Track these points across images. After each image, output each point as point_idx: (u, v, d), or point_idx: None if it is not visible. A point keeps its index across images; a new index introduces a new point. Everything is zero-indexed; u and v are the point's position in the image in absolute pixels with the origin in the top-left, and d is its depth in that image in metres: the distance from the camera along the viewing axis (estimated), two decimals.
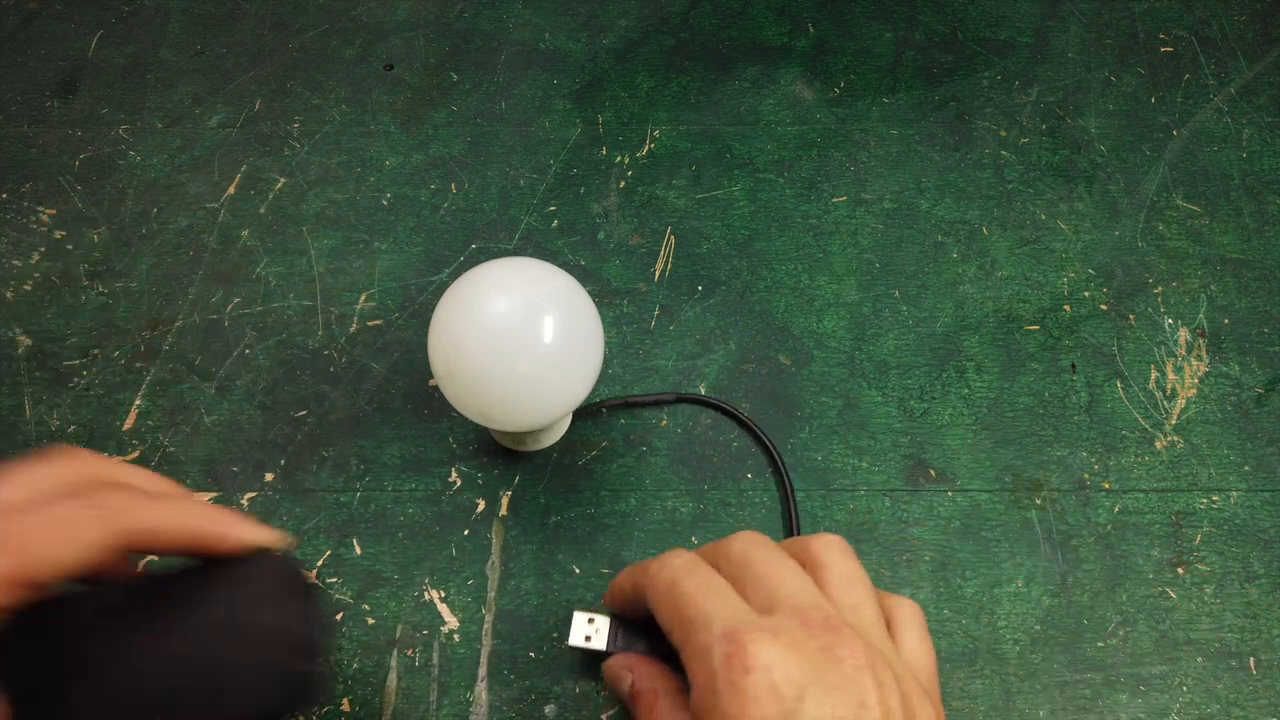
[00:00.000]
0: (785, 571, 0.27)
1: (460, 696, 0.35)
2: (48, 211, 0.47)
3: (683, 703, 0.27)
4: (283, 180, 0.47)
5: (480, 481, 0.39)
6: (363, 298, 0.44)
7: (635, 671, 0.29)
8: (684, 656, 0.25)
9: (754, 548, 0.27)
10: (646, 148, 0.48)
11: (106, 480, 0.25)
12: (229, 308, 0.44)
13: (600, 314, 0.43)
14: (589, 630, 0.32)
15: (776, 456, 0.39)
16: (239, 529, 0.25)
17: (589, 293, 0.44)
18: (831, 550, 0.28)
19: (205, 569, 0.25)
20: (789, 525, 0.38)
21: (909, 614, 0.28)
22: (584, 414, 0.40)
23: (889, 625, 0.28)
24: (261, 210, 0.46)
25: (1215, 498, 0.39)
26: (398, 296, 0.44)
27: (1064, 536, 0.38)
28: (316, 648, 0.25)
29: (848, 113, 0.49)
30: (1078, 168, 0.47)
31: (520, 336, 0.32)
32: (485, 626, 0.36)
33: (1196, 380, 0.41)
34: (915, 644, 0.27)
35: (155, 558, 0.35)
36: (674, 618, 0.26)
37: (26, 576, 0.22)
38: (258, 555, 0.25)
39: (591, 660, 0.35)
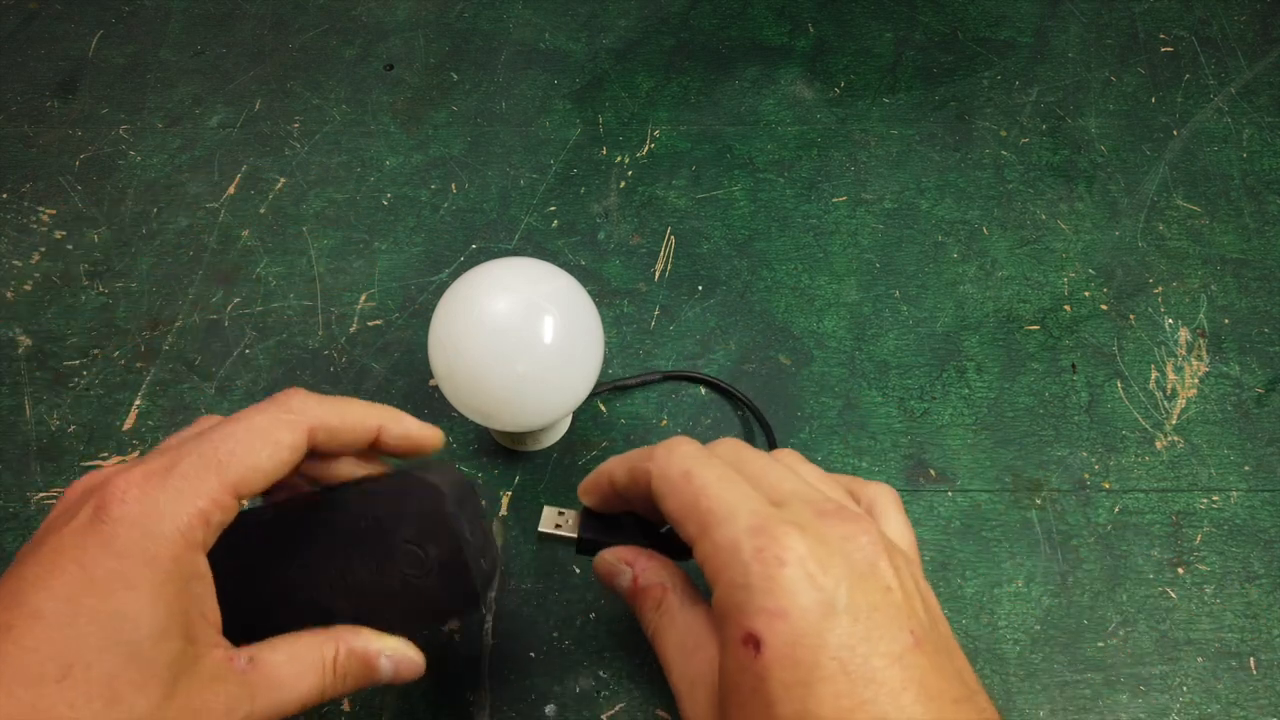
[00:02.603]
0: (781, 469, 0.26)
1: (461, 696, 0.35)
2: (48, 211, 0.47)
3: (694, 596, 0.27)
4: (283, 180, 0.47)
5: (480, 481, 0.39)
6: (363, 298, 0.44)
7: (636, 565, 0.28)
8: (702, 550, 0.24)
9: (743, 449, 0.27)
10: (646, 148, 0.48)
11: (270, 398, 0.27)
12: (229, 308, 0.44)
13: (600, 314, 0.43)
14: (559, 520, 0.30)
15: (768, 430, 0.39)
16: (405, 421, 0.28)
17: (589, 292, 0.44)
18: (793, 454, 0.28)
19: (393, 480, 0.28)
20: None
21: (886, 497, 0.28)
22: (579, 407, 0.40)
23: (870, 512, 0.28)
24: (262, 210, 0.46)
25: (1215, 498, 0.39)
26: (398, 296, 0.44)
27: (1064, 536, 0.38)
28: (485, 553, 0.28)
29: (848, 113, 0.49)
30: (1078, 168, 0.47)
31: (520, 336, 0.32)
32: (486, 626, 0.36)
33: (1197, 380, 0.41)
34: (899, 526, 0.27)
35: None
36: (689, 509, 0.25)
37: (243, 488, 0.24)
38: (439, 467, 0.28)
39: (591, 658, 0.35)
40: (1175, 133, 0.48)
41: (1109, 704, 0.35)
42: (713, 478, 0.25)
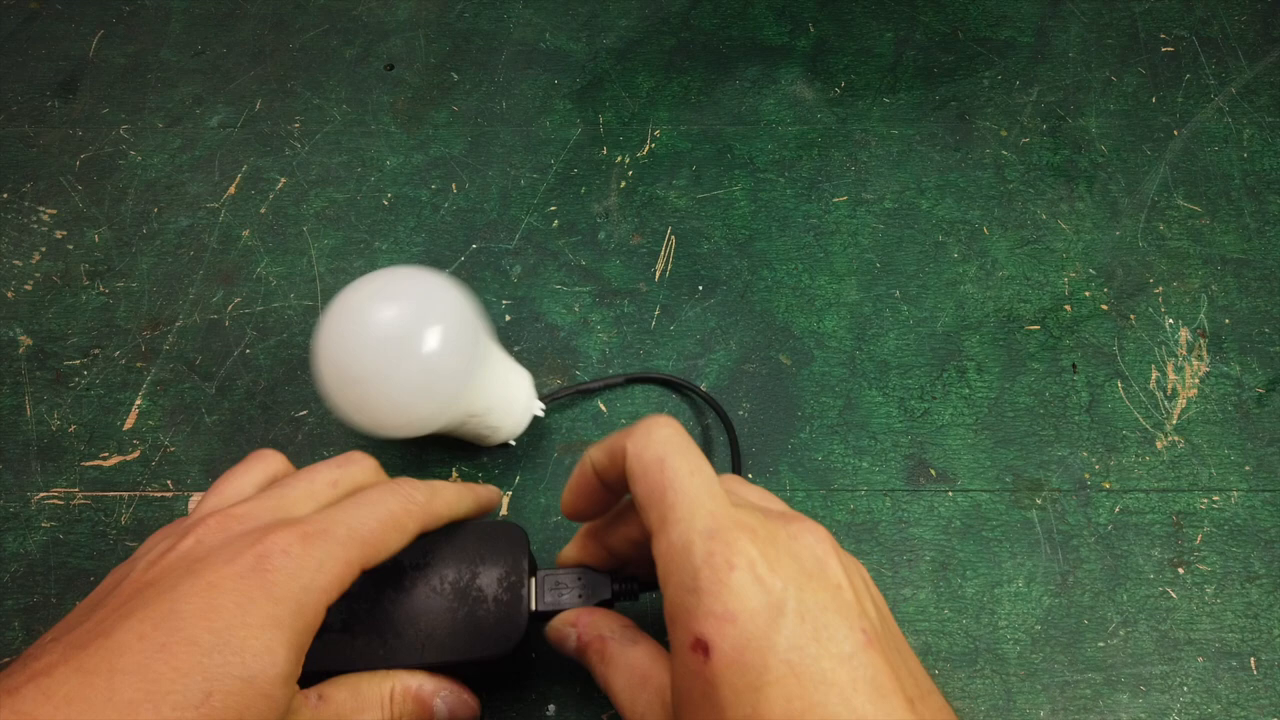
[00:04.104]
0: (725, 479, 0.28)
1: None
2: (49, 211, 0.47)
3: (635, 636, 0.28)
4: (283, 180, 0.47)
5: (480, 481, 0.39)
6: None
7: (578, 625, 0.29)
8: (657, 546, 0.25)
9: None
10: (647, 148, 0.48)
11: (389, 481, 0.30)
12: (230, 307, 0.44)
13: (600, 314, 0.43)
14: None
15: (731, 431, 0.39)
16: (490, 496, 0.33)
17: (587, 293, 0.44)
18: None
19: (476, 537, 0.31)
20: None
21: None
22: (550, 403, 0.40)
23: None
24: (262, 210, 0.46)
25: (1216, 498, 0.39)
26: None
27: (1064, 536, 0.38)
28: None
29: (848, 112, 0.49)
30: (1078, 168, 0.47)
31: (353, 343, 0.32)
32: None
33: (1197, 380, 0.41)
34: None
35: None
36: (656, 498, 0.25)
37: (371, 561, 0.27)
38: (505, 528, 0.31)
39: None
40: (1176, 133, 0.48)
41: (1109, 704, 0.35)
42: (685, 469, 0.25)
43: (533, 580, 0.31)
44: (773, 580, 0.23)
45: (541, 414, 0.39)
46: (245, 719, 0.24)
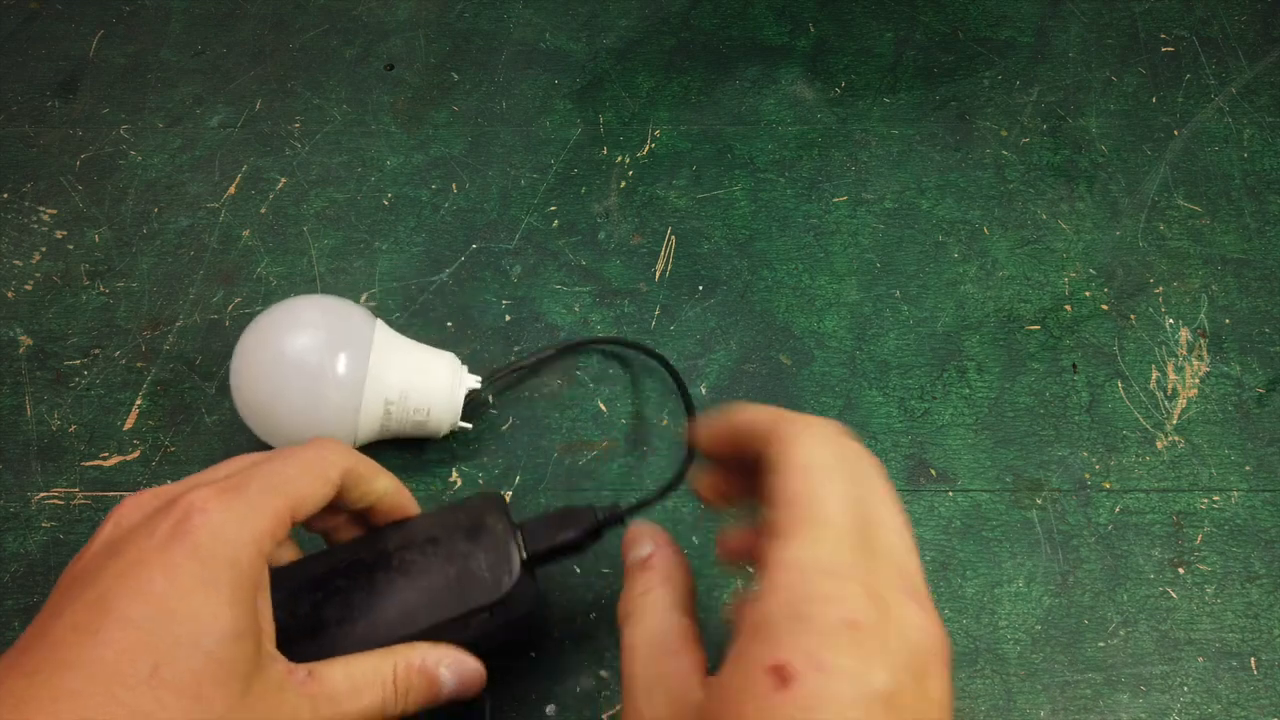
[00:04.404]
0: (898, 515, 0.24)
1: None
2: (49, 211, 0.47)
3: (689, 609, 0.27)
4: (283, 180, 0.47)
5: (481, 481, 0.39)
6: (363, 298, 0.44)
7: (658, 549, 0.28)
8: (775, 551, 0.23)
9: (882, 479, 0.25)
10: (647, 148, 0.48)
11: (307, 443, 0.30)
12: (230, 307, 0.44)
13: (600, 314, 0.43)
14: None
15: (680, 383, 0.40)
16: (404, 491, 0.32)
17: (586, 293, 0.44)
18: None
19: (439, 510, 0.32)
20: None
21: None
22: (492, 384, 0.40)
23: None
24: (262, 210, 0.46)
25: (1216, 498, 0.39)
26: (398, 296, 0.44)
27: (1065, 536, 0.38)
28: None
29: (848, 112, 0.49)
30: (1079, 168, 0.47)
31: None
32: None
33: (1197, 380, 0.41)
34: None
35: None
36: (799, 502, 0.23)
37: (298, 513, 0.27)
38: (480, 496, 0.32)
39: (591, 658, 0.35)
40: (1176, 133, 0.48)
41: (1109, 704, 0.35)
42: (843, 492, 0.23)
43: (519, 532, 0.31)
44: (882, 658, 0.21)
45: (477, 385, 0.39)
46: (202, 685, 0.23)
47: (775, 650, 0.21)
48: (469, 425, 0.39)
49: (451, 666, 0.29)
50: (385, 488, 0.31)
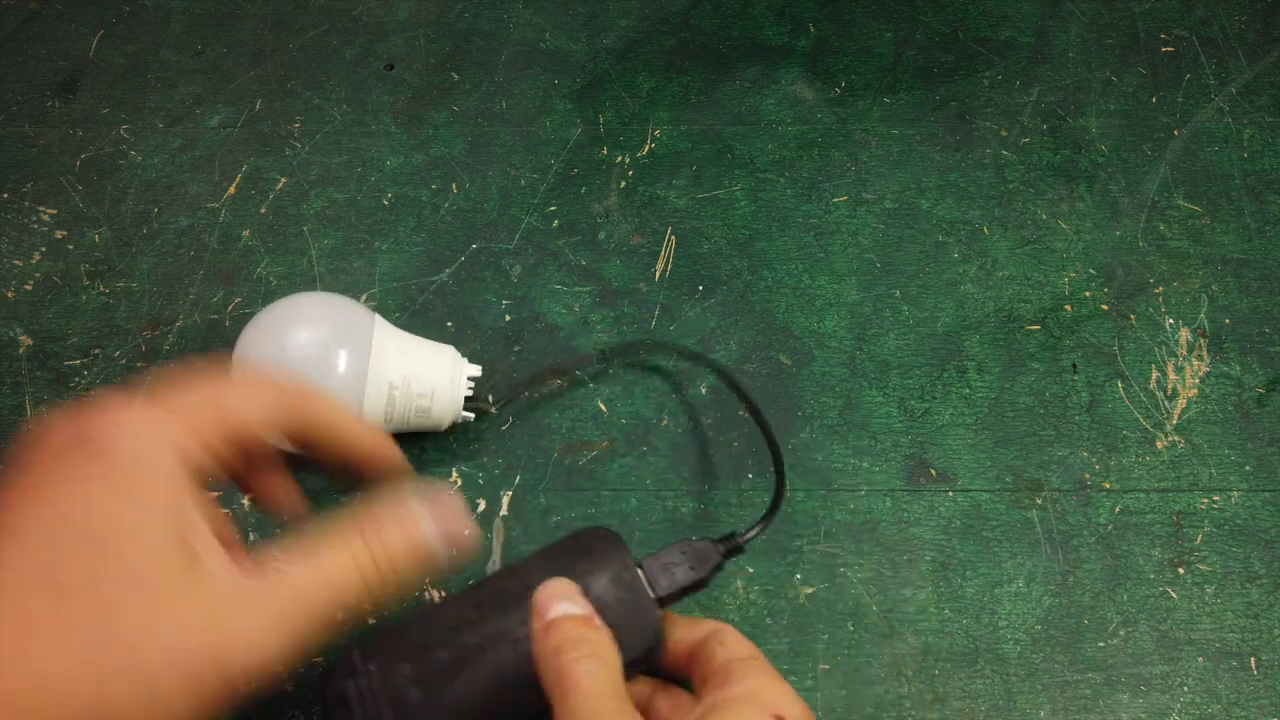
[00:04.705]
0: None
1: None
2: (49, 211, 0.47)
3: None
4: (283, 180, 0.47)
5: (481, 481, 0.39)
6: (363, 298, 0.44)
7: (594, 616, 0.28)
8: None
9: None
10: (647, 148, 0.48)
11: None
12: (230, 308, 0.44)
13: (600, 314, 0.43)
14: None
15: (742, 390, 0.40)
16: (388, 450, 0.29)
17: (586, 293, 0.44)
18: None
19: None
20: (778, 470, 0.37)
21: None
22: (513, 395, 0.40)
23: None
24: (262, 210, 0.46)
25: (1216, 498, 0.39)
26: (398, 296, 0.44)
27: (1065, 536, 0.38)
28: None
29: (848, 112, 0.49)
30: (1079, 167, 0.47)
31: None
32: None
33: (1197, 380, 0.41)
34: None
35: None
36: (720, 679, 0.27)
37: (235, 432, 0.25)
38: (593, 534, 0.31)
39: None
40: (1176, 133, 0.48)
41: (1109, 704, 0.35)
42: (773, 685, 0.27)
43: (640, 570, 0.30)
44: None
45: (478, 373, 0.39)
46: (110, 602, 0.21)
47: (769, 710, 0.25)
48: (471, 415, 0.39)
49: (432, 516, 0.26)
50: (355, 438, 0.28)
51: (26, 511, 0.22)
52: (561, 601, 0.27)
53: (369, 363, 0.36)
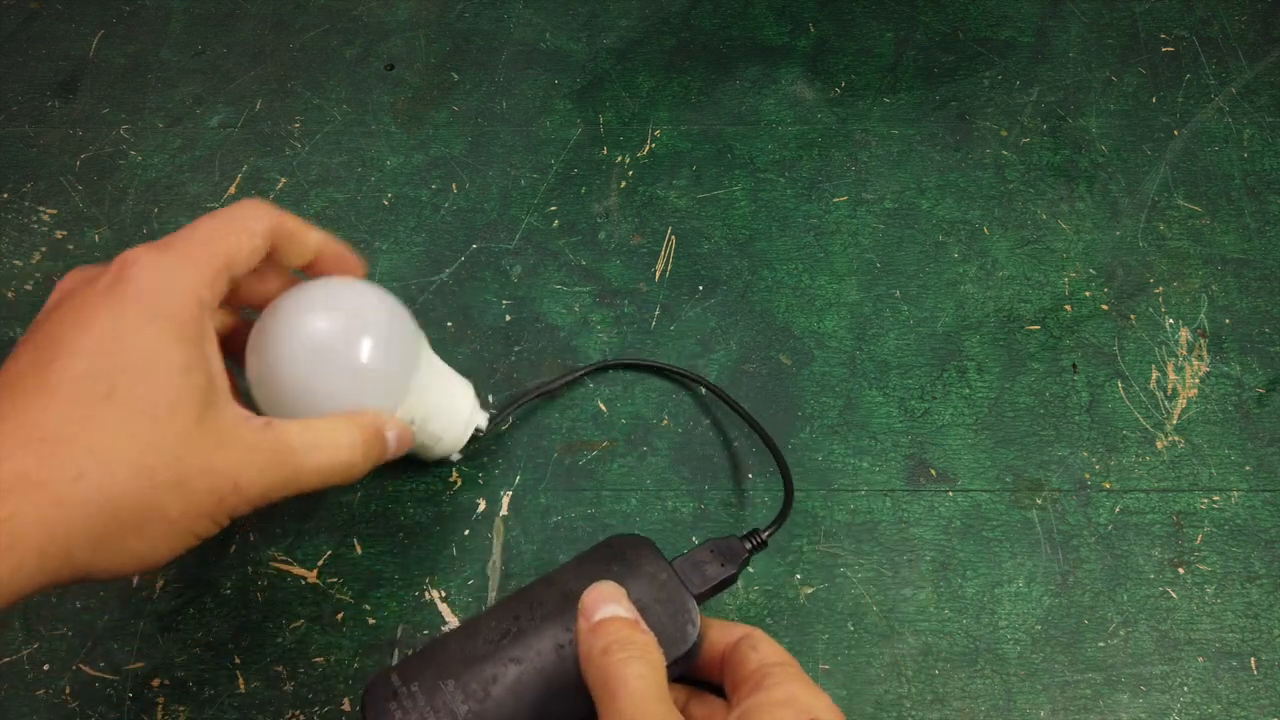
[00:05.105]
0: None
1: None
2: (49, 211, 0.47)
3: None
4: (284, 180, 0.47)
5: (481, 481, 0.39)
6: None
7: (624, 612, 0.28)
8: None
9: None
10: (647, 148, 0.48)
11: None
12: None
13: (600, 314, 0.43)
14: None
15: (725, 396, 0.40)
16: (347, 252, 0.33)
17: (587, 293, 0.44)
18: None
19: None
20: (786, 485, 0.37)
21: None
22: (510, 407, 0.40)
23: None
24: None
25: (1216, 498, 0.39)
26: (398, 296, 0.44)
27: (1065, 536, 0.38)
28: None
29: (848, 112, 0.49)
30: (1079, 168, 0.47)
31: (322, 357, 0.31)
32: None
33: (1197, 380, 0.41)
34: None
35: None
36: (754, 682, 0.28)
37: (232, 264, 0.28)
38: (626, 541, 0.32)
39: None
40: (1176, 133, 0.48)
41: (1109, 704, 0.35)
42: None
43: (673, 569, 0.31)
44: None
45: (485, 425, 0.38)
46: (156, 408, 0.25)
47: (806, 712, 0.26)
48: (459, 456, 0.39)
49: (395, 432, 0.32)
50: (318, 241, 0.32)
51: (83, 331, 0.25)
52: (609, 604, 0.28)
53: (409, 391, 0.33)
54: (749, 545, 0.33)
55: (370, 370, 0.32)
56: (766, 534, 0.34)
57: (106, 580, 0.29)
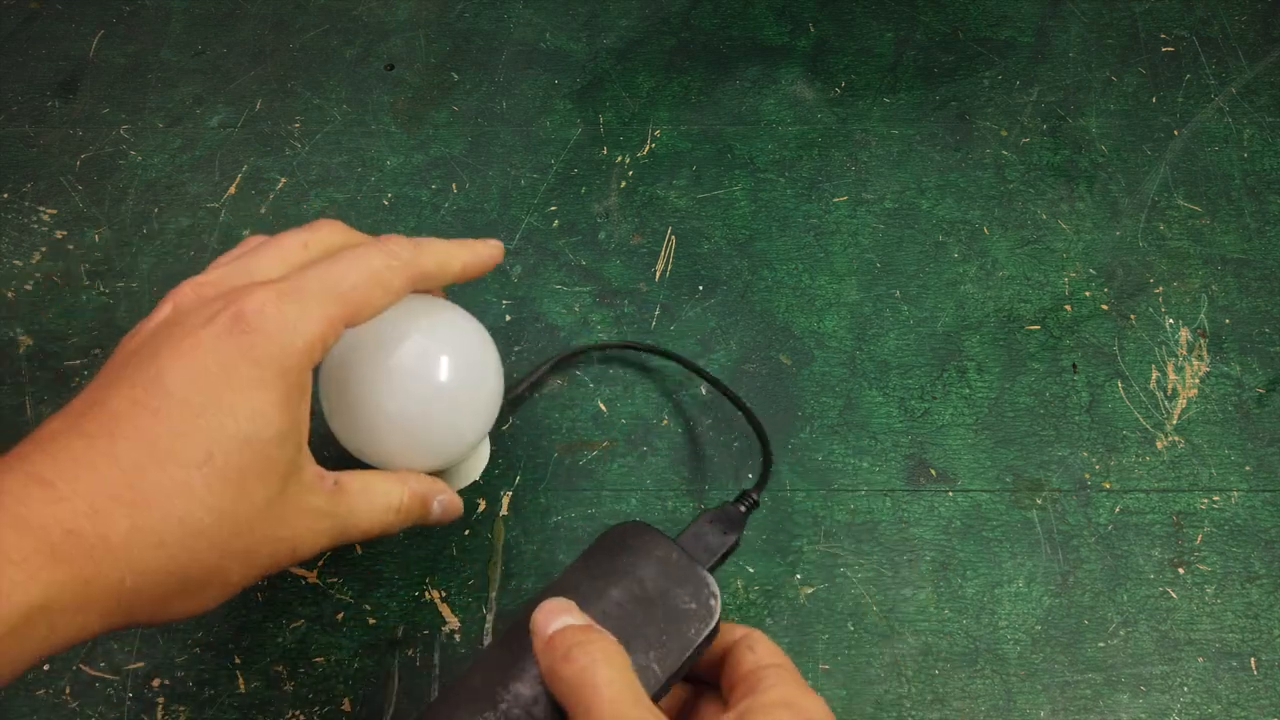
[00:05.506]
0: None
1: None
2: (49, 211, 0.47)
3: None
4: (284, 180, 0.47)
5: (481, 481, 0.39)
6: None
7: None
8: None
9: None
10: (647, 148, 0.48)
11: (370, 238, 0.29)
12: None
13: (600, 313, 0.43)
14: None
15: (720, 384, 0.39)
16: (476, 248, 0.31)
17: (587, 293, 0.44)
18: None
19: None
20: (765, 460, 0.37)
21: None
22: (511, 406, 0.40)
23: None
24: (262, 210, 0.46)
25: (1216, 498, 0.39)
26: None
27: (1065, 536, 0.38)
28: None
29: (848, 112, 0.49)
30: (1079, 168, 0.47)
31: (413, 373, 0.31)
32: (486, 626, 0.36)
33: (1197, 380, 0.41)
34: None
35: None
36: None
37: (355, 320, 0.27)
38: (626, 530, 0.31)
39: None
40: (1176, 133, 0.48)
41: (1109, 704, 0.35)
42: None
43: (680, 548, 0.31)
44: None
45: (485, 462, 0.40)
46: (247, 479, 0.25)
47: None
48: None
49: (442, 500, 0.31)
50: (464, 265, 0.31)
51: (191, 384, 0.24)
52: (560, 616, 0.27)
53: (485, 441, 0.34)
54: (743, 508, 0.33)
55: (474, 428, 0.33)
56: (756, 493, 0.34)
57: (149, 627, 0.29)
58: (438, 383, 0.31)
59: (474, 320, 0.34)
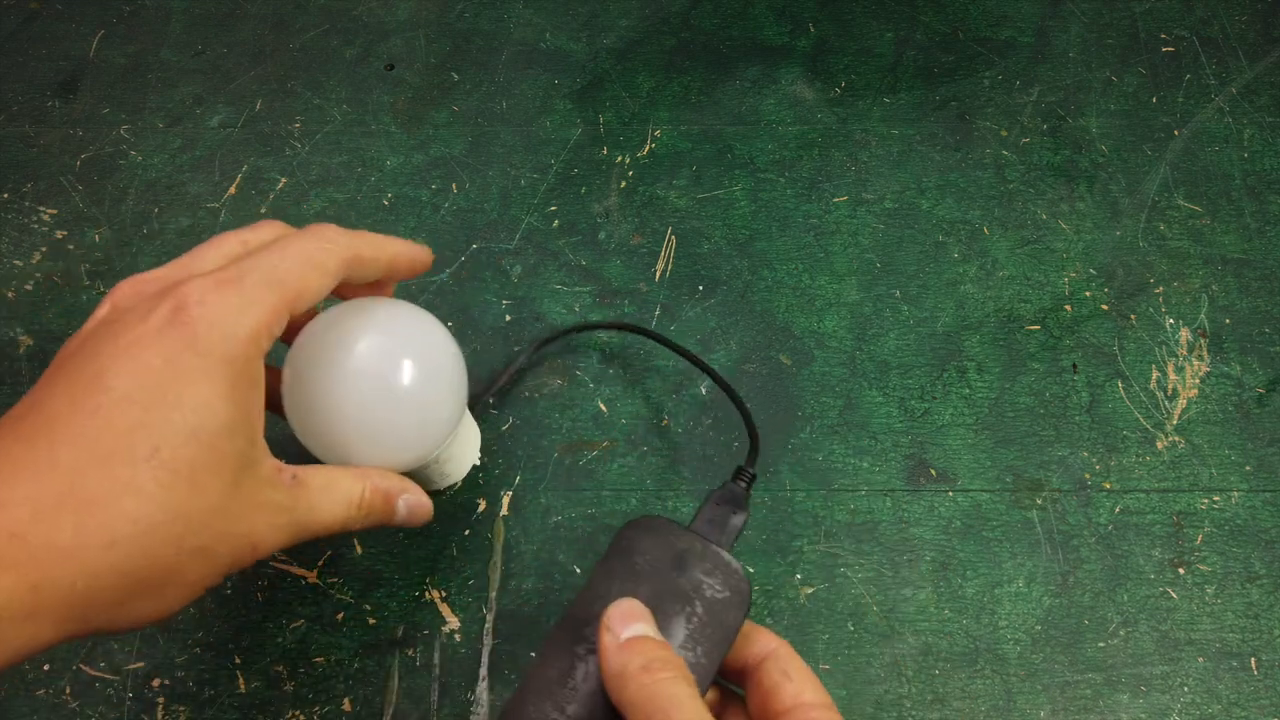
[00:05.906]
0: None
1: (461, 696, 0.35)
2: (49, 211, 0.47)
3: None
4: (284, 180, 0.47)
5: (481, 481, 0.39)
6: None
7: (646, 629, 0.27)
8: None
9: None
10: (647, 148, 0.48)
11: (304, 228, 0.29)
12: None
13: (600, 313, 0.43)
14: None
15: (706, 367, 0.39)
16: (412, 247, 0.31)
17: (587, 293, 0.44)
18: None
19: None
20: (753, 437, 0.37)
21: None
22: (484, 399, 0.40)
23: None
24: (263, 210, 0.46)
25: (1216, 498, 0.39)
26: (398, 296, 0.44)
27: (1065, 537, 0.38)
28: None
29: (848, 112, 0.49)
30: (1079, 168, 0.47)
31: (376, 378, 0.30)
32: (486, 626, 0.36)
33: (1198, 380, 0.41)
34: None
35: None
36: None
37: (295, 306, 0.27)
38: (641, 525, 0.30)
39: None
40: (1176, 133, 0.48)
41: (1110, 704, 0.35)
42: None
43: (699, 535, 0.30)
44: None
45: (477, 463, 0.39)
46: (197, 473, 0.24)
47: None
48: (449, 490, 0.39)
49: (408, 500, 0.31)
50: (395, 254, 0.30)
51: (134, 379, 0.24)
52: (637, 622, 0.27)
53: (455, 439, 0.34)
54: (744, 484, 0.33)
55: (438, 420, 0.32)
56: (751, 467, 0.34)
57: (111, 635, 0.27)
58: (394, 380, 0.30)
59: (430, 316, 0.33)
